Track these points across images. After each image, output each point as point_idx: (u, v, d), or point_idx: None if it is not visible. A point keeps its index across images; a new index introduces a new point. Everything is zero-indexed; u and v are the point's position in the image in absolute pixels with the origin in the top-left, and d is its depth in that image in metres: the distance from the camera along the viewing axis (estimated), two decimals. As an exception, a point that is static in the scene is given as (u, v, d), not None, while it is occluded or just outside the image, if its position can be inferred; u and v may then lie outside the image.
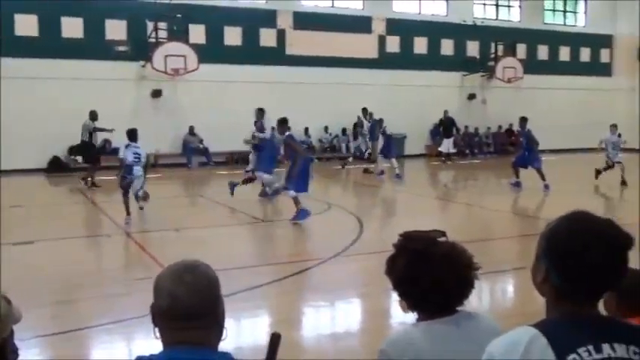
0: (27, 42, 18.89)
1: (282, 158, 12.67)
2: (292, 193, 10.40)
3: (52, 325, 5.34)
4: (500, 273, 7.01)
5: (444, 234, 2.07)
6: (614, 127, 16.45)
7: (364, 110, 19.61)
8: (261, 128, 13.62)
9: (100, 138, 16.45)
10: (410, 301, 2.03)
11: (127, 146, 11.21)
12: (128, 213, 10.53)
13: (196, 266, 1.69)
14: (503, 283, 7.07)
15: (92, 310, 6.06)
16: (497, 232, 10.40)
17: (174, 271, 1.67)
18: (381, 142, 17.80)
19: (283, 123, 11.31)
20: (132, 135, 11.32)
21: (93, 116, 16.11)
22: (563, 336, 1.43)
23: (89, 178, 15.42)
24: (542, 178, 14.29)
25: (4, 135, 17.81)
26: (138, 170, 10.88)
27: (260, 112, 13.90)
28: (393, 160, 17.40)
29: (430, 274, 1.94)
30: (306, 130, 23.30)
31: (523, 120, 15.31)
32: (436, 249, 2.00)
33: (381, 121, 18.31)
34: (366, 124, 18.87)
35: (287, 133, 11.15)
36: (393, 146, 18.17)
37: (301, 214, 10.24)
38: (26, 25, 19.03)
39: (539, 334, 1.43)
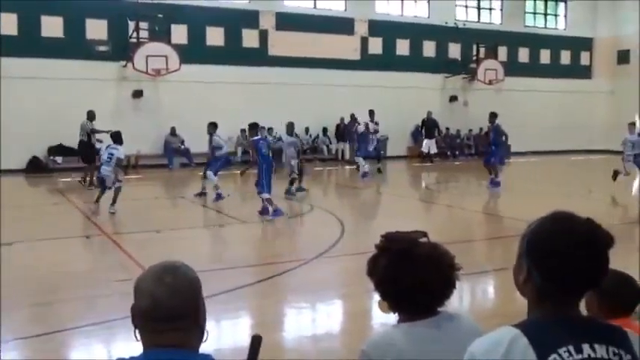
0: (6, 41, 18.63)
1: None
2: (265, 195, 10.91)
3: (32, 328, 5.27)
4: (482, 274, 7.06)
5: (425, 235, 2.07)
6: (632, 125, 15.85)
7: (371, 112, 19.67)
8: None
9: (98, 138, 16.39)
10: (391, 302, 2.02)
11: (107, 147, 12.08)
12: (97, 200, 11.48)
13: (177, 267, 1.68)
14: (484, 284, 7.11)
15: (72, 312, 5.99)
16: (478, 234, 10.47)
17: (154, 273, 1.65)
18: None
19: (253, 128, 11.70)
20: (115, 137, 12.11)
21: (90, 116, 16.11)
22: (544, 336, 1.43)
23: (87, 178, 15.49)
24: (495, 174, 14.43)
25: (-18, 135, 17.58)
26: (105, 170, 11.62)
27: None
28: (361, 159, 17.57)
29: (412, 275, 1.94)
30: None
31: (493, 115, 15.38)
32: (418, 249, 1.99)
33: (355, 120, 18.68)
34: (372, 126, 18.95)
35: (254, 138, 11.44)
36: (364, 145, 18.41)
37: (277, 212, 10.80)
38: (5, 23, 18.78)
39: (521, 334, 1.44)
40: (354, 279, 7.40)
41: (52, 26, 19.46)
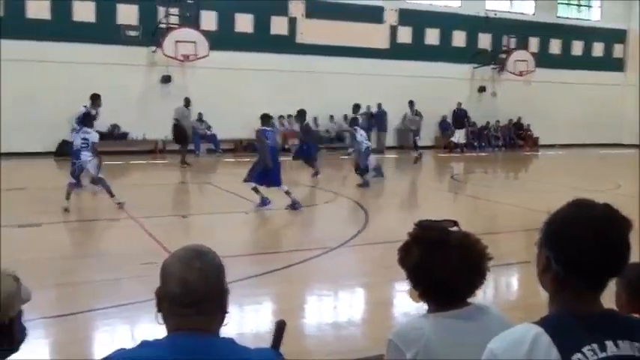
0: (38, 25, 18.89)
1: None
2: (251, 184, 10.61)
3: (57, 307, 5.37)
4: (506, 266, 6.99)
5: (456, 223, 2.05)
6: None
7: (411, 103, 19.67)
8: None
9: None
10: (423, 291, 2.01)
11: (77, 131, 11.03)
12: (67, 197, 10.31)
13: (205, 252, 1.69)
14: (508, 277, 7.05)
15: (96, 294, 6.09)
16: (504, 226, 10.36)
17: (183, 257, 1.66)
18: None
19: (264, 118, 11.30)
20: (85, 119, 11.22)
21: (187, 103, 17.48)
22: (566, 334, 1.40)
23: (183, 159, 16.95)
24: None
25: (12, 118, 17.88)
26: (86, 155, 10.64)
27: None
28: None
29: (447, 263, 1.92)
30: (315, 119, 23.25)
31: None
32: (452, 238, 1.97)
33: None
34: (409, 115, 19.01)
35: (260, 127, 11.01)
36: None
37: (263, 201, 10.55)
38: (38, 7, 19.03)
39: (543, 332, 1.40)
40: (376, 268, 7.40)
41: (84, 11, 19.66)
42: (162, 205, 11.10)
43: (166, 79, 20.71)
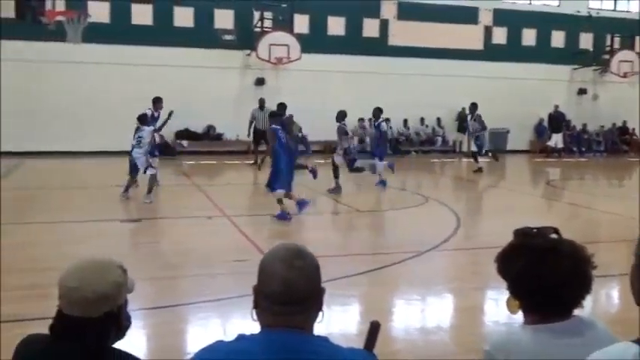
0: (141, 30, 19.86)
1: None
2: (280, 191, 9.80)
3: (155, 299, 5.62)
4: (605, 278, 6.68)
5: (556, 231, 1.94)
6: None
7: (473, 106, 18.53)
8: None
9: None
10: (526, 302, 1.89)
11: (136, 129, 11.63)
12: (126, 190, 11.24)
13: (305, 252, 1.72)
14: (607, 289, 6.73)
15: (191, 288, 6.32)
16: (604, 235, 9.89)
17: (284, 257, 1.68)
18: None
19: (273, 116, 10.73)
20: (141, 119, 11.78)
21: (261, 104, 17.83)
22: None
23: (259, 161, 17.15)
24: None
25: (113, 117, 18.81)
26: (137, 152, 11.26)
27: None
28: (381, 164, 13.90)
29: (556, 272, 1.82)
30: (405, 121, 23.10)
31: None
32: (562, 246, 1.87)
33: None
34: (471, 124, 17.99)
35: (273, 126, 10.19)
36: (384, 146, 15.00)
37: (280, 215, 9.60)
38: (140, 14, 20.02)
39: None
40: (466, 274, 7.26)
41: (183, 16, 20.50)
42: (253, 204, 11.37)
43: (260, 82, 21.21)
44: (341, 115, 13.12)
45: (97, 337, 1.86)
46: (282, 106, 13.38)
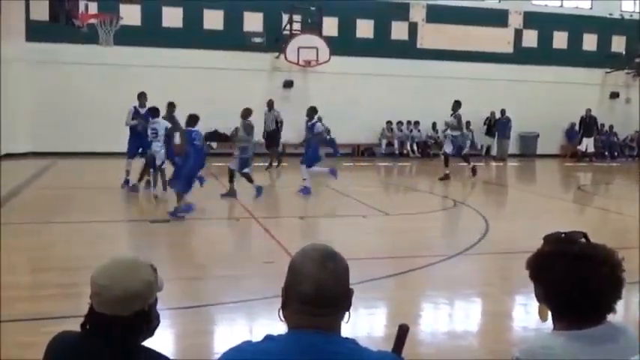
0: (171, 33, 20.10)
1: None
2: (180, 190, 10.07)
3: (183, 299, 5.67)
4: (634, 284, 6.56)
5: (585, 236, 1.90)
6: None
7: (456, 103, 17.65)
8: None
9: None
10: (559, 308, 1.85)
11: (148, 124, 11.65)
12: (140, 179, 11.42)
13: (335, 254, 1.72)
14: (635, 296, 6.61)
15: (219, 289, 6.37)
16: (636, 241, 9.70)
17: (316, 259, 1.68)
18: None
19: (191, 118, 10.48)
20: (153, 112, 11.73)
21: (270, 105, 18.05)
22: None
23: (273, 162, 17.77)
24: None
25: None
26: (157, 145, 11.23)
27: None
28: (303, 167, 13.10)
29: (592, 279, 1.78)
30: (434, 125, 22.97)
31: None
32: (596, 251, 1.83)
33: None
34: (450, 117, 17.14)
35: (188, 129, 10.31)
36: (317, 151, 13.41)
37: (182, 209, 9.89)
38: (171, 17, 20.27)
39: None
40: (495, 279, 7.19)
41: (213, 19, 20.69)
42: (281, 206, 11.41)
43: (288, 84, 21.29)
44: (247, 113, 12.74)
45: (128, 335, 1.88)
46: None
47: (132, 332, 1.89)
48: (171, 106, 13.20)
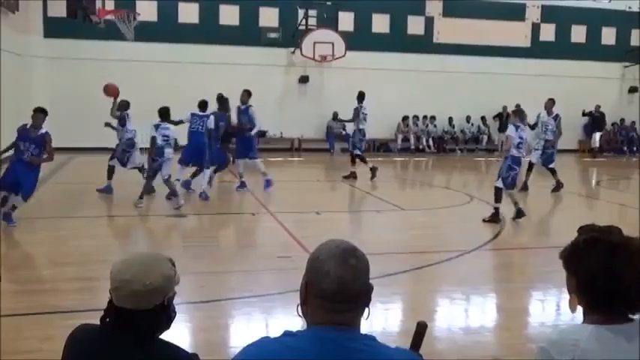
0: (188, 29, 20.16)
1: None
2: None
3: (199, 294, 5.70)
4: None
5: (619, 230, 1.86)
6: None
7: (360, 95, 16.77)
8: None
9: None
10: (593, 300, 1.82)
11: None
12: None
13: (356, 250, 1.70)
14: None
15: (235, 283, 6.40)
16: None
17: (337, 255, 1.66)
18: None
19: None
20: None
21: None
22: None
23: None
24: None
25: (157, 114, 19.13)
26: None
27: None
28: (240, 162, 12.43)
29: (630, 270, 1.75)
30: (450, 119, 22.85)
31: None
32: (632, 242, 1.79)
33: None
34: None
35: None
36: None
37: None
38: (187, 12, 20.33)
39: None
40: (511, 274, 7.16)
41: (229, 15, 20.71)
42: (297, 202, 11.42)
43: (304, 79, 21.28)
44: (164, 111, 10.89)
45: (148, 328, 1.90)
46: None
47: (151, 326, 1.91)
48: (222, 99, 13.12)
